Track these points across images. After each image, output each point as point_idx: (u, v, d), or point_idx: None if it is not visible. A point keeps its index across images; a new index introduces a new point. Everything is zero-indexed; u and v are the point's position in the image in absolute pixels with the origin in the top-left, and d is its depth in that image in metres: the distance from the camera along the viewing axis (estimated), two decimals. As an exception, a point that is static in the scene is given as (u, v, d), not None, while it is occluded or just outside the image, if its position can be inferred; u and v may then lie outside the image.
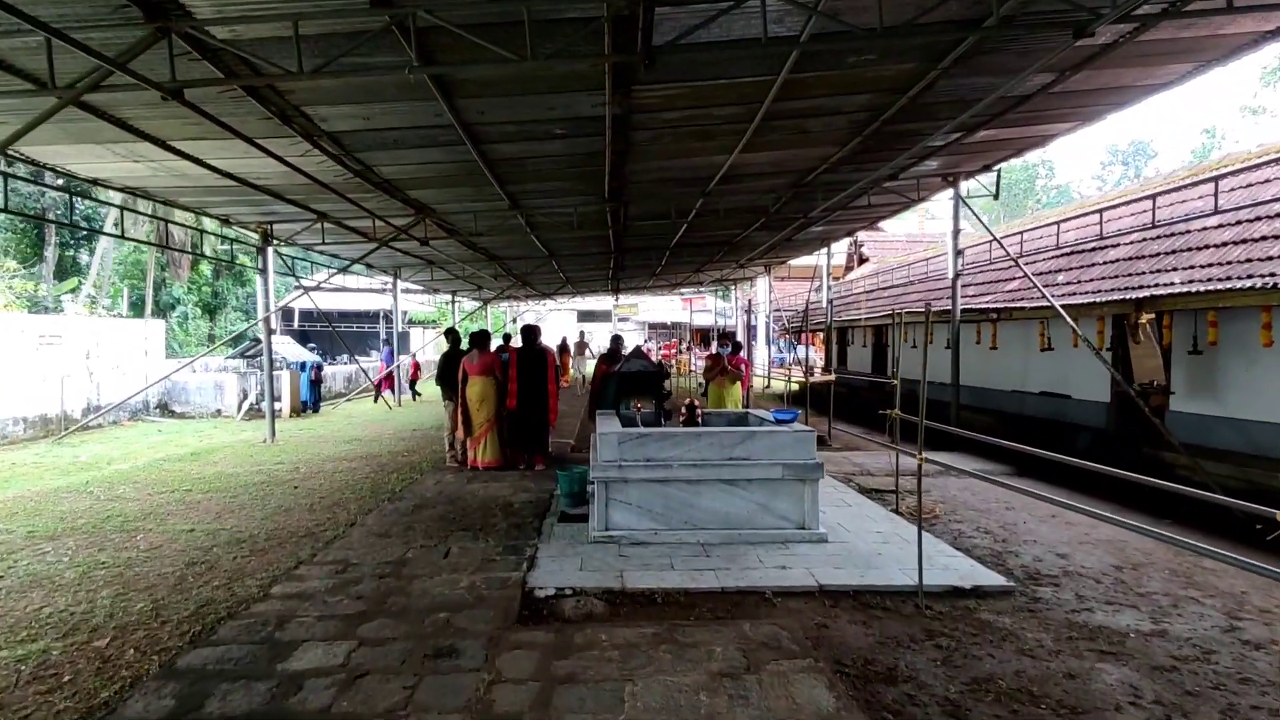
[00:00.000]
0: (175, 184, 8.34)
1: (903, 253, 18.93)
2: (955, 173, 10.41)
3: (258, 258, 10.63)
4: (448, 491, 6.96)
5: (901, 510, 6.33)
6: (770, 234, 14.71)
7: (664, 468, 5.14)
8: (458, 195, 9.60)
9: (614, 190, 9.73)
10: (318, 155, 7.21)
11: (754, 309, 30.54)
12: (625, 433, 5.21)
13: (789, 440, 5.23)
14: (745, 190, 10.37)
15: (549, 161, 8.20)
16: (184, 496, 6.89)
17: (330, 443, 10.52)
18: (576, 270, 20.00)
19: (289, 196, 9.22)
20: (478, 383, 7.93)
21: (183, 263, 33.48)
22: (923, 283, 13.81)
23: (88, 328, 11.99)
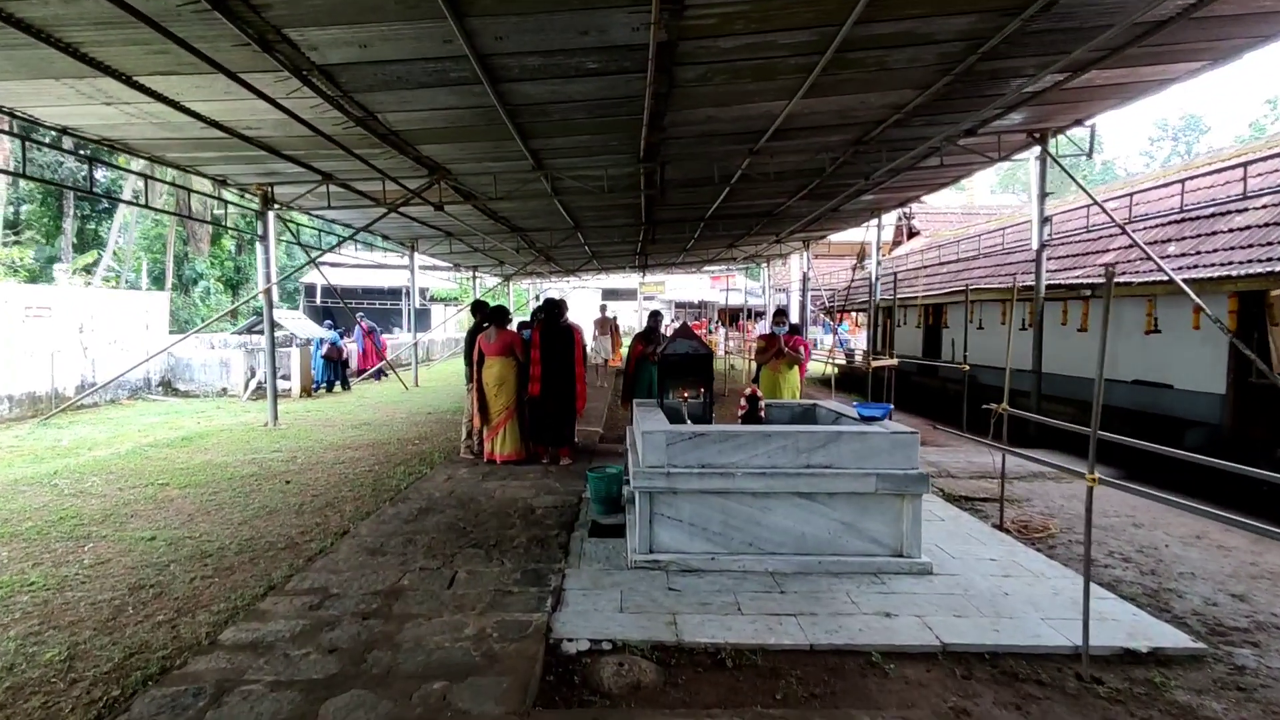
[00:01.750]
0: (158, 135, 7.35)
1: (957, 225, 17.50)
2: (1043, 127, 9.09)
3: (256, 222, 9.68)
4: (459, 491, 5.97)
5: (1007, 526, 5.20)
6: (816, 203, 13.45)
7: (724, 476, 4.07)
8: (475, 152, 8.51)
9: (650, 148, 8.58)
10: (311, 98, 6.15)
11: (787, 287, 29.23)
12: (675, 431, 4.14)
13: (884, 444, 4.11)
14: (798, 149, 9.15)
15: (578, 110, 7.07)
16: (158, 492, 5.98)
17: (336, 427, 9.61)
18: (603, 244, 18.89)
19: (287, 152, 8.21)
20: (495, 364, 6.90)
21: (203, 236, 33.00)
22: (989, 256, 12.47)
23: (81, 299, 11.20)
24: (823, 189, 11.69)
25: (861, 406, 4.58)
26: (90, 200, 32.30)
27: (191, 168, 8.87)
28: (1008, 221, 13.45)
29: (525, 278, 29.41)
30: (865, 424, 4.46)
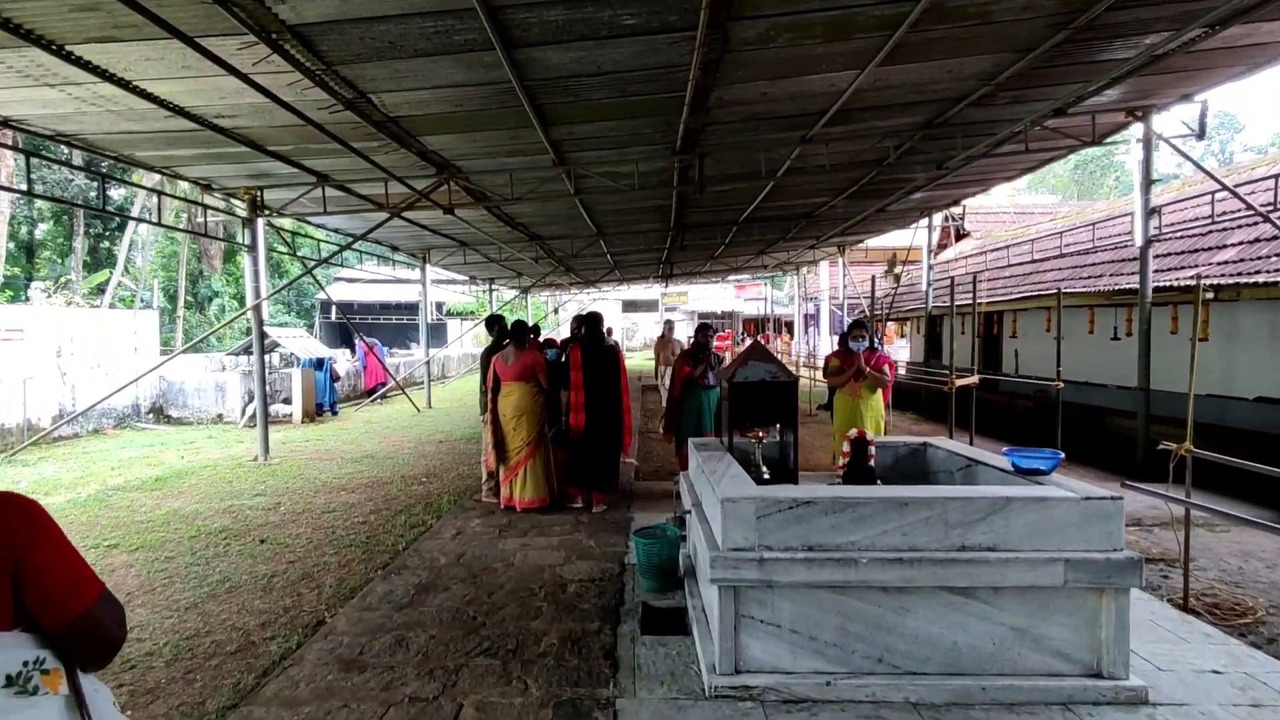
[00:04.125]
0: (119, 128, 6.31)
1: (1011, 226, 16.12)
2: (1145, 104, 7.80)
3: (243, 231, 8.63)
4: (470, 555, 4.76)
5: (1194, 605, 3.89)
6: (863, 203, 12.21)
7: (841, 563, 2.83)
8: (488, 144, 7.39)
9: (689, 136, 7.41)
10: (287, 72, 5.05)
11: (817, 297, 27.92)
12: (770, 499, 2.91)
13: (1073, 514, 2.86)
14: (859, 135, 7.93)
15: (608, 87, 5.91)
16: (100, 558, 4.85)
17: (334, 461, 8.48)
18: (626, 252, 17.75)
19: (273, 148, 7.14)
20: (514, 391, 5.72)
21: (215, 253, 32.41)
22: (1065, 257, 11.10)
23: (60, 320, 10.23)
24: (875, 184, 10.45)
25: (1017, 454, 3.33)
26: (102, 219, 31.83)
27: (168, 169, 7.83)
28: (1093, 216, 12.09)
29: (543, 290, 28.37)
30: (1031, 482, 3.20)
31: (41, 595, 1.10)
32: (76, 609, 1.12)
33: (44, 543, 1.11)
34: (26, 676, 1.06)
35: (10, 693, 1.02)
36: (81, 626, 1.13)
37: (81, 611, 1.13)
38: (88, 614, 1.13)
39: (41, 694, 1.07)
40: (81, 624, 1.13)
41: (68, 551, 1.16)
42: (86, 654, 1.16)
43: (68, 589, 1.13)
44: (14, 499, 1.13)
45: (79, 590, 1.14)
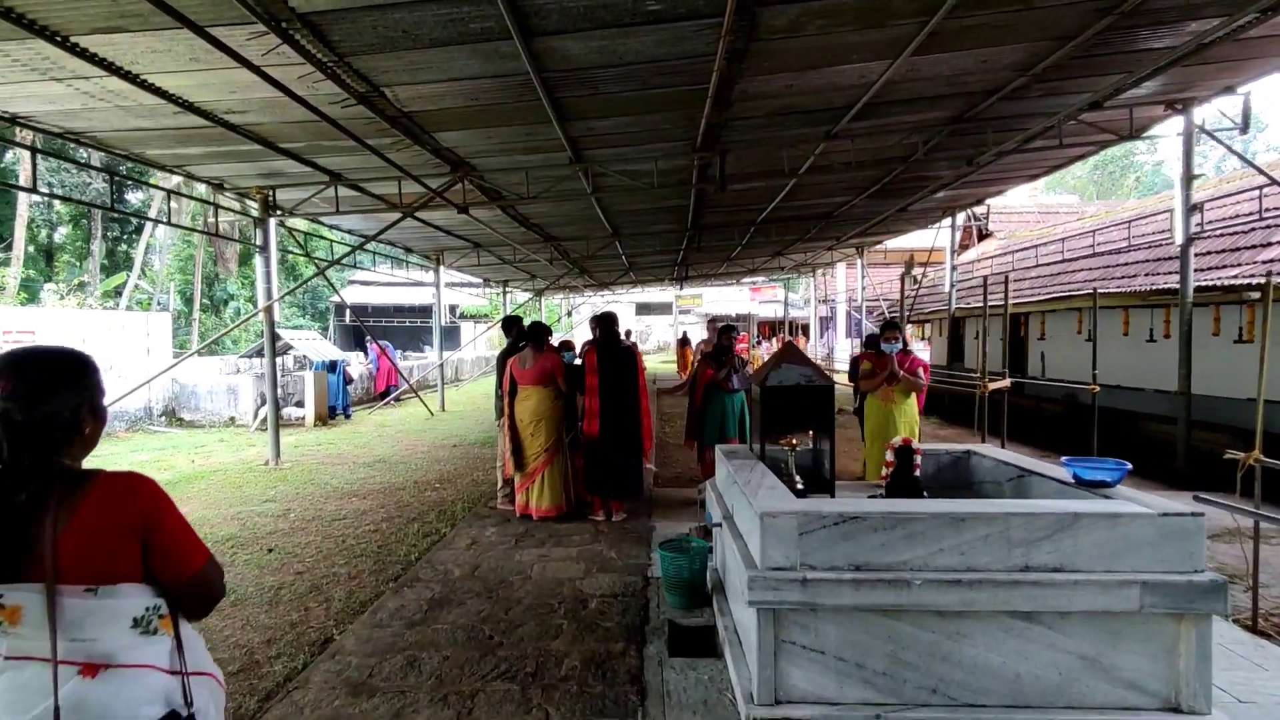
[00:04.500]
0: (128, 125, 6.17)
1: (1035, 226, 15.74)
2: (1186, 96, 7.49)
3: (255, 232, 8.49)
4: (485, 567, 4.55)
5: (1264, 628, 3.61)
6: (885, 202, 11.93)
7: (893, 585, 2.59)
8: (504, 141, 7.20)
9: (710, 132, 7.19)
10: (298, 64, 4.88)
11: (833, 299, 27.58)
12: (813, 513, 2.67)
13: (1148, 532, 2.60)
14: (885, 130, 7.67)
15: (629, 79, 5.69)
16: (103, 567, 4.68)
17: (346, 465, 8.31)
18: (642, 254, 17.54)
19: (285, 145, 6.99)
20: (531, 395, 5.51)
21: (231, 255, 32.54)
22: (1096, 256, 10.74)
23: (71, 322, 10.14)
24: (899, 183, 10.18)
25: (1077, 464, 3.06)
26: (120, 223, 32.05)
27: (180, 168, 7.70)
28: (1125, 215, 11.73)
29: (557, 292, 28.22)
30: (1097, 495, 2.94)
31: (163, 557, 1.32)
32: (190, 570, 1.36)
33: (166, 515, 1.34)
34: (148, 620, 1.30)
35: (136, 631, 1.27)
36: (192, 584, 1.36)
37: (194, 572, 1.36)
38: (198, 574, 1.37)
39: (159, 634, 1.31)
40: (193, 582, 1.36)
41: (182, 522, 1.38)
42: (193, 606, 1.39)
43: (184, 553, 1.36)
44: (141, 478, 1.34)
45: (192, 555, 1.37)
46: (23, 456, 1.26)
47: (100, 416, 1.41)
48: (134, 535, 1.29)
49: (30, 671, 1.19)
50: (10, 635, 1.20)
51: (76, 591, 1.22)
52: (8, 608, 1.19)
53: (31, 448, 1.27)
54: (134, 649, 1.27)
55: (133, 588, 1.29)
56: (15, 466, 1.25)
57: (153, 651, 1.30)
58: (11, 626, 1.19)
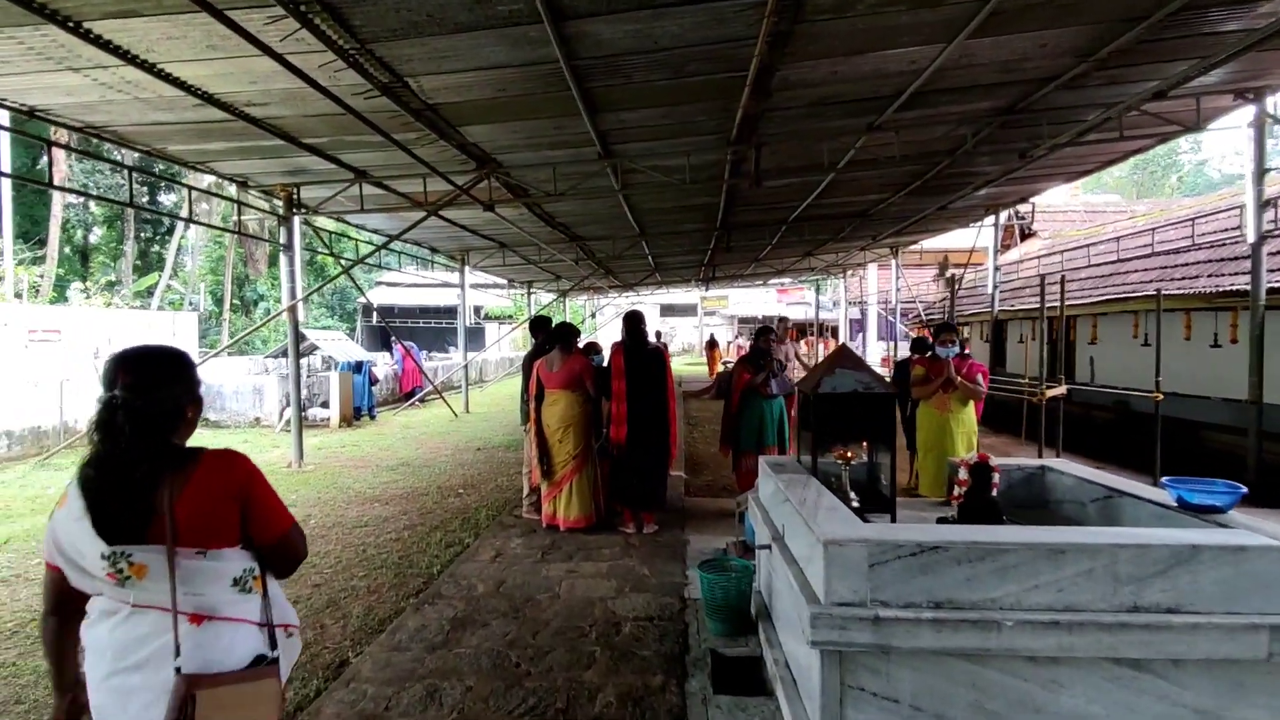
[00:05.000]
0: (148, 119, 6.02)
1: (1081, 225, 15.13)
2: (1257, 85, 7.01)
3: (279, 230, 8.34)
4: (511, 584, 4.27)
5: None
6: (925, 200, 11.48)
7: (979, 626, 2.25)
8: (531, 135, 6.94)
9: (746, 124, 6.87)
10: (319, 51, 4.66)
11: (864, 301, 27.02)
12: (887, 543, 2.34)
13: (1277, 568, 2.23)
14: (933, 120, 7.28)
15: (663, 67, 5.39)
16: (115, 576, 4.49)
17: (370, 469, 8.11)
18: (668, 254, 17.23)
19: (308, 140, 6.80)
20: (559, 400, 5.23)
21: (260, 256, 32.89)
22: (1156, 255, 10.17)
23: (97, 321, 10.09)
24: (941, 178, 9.74)
25: (1182, 485, 2.69)
26: (152, 224, 32.54)
27: (202, 164, 7.56)
28: (1182, 213, 11.15)
29: (580, 293, 28.00)
30: (1209, 523, 2.57)
31: (256, 521, 1.53)
32: (278, 532, 1.57)
33: (258, 485, 1.56)
34: (244, 580, 1.50)
35: (235, 590, 1.49)
36: (280, 545, 1.58)
37: (281, 535, 1.58)
38: (285, 537, 1.59)
39: (252, 593, 1.52)
40: (280, 544, 1.58)
41: (271, 492, 1.60)
42: (280, 565, 1.61)
43: (273, 518, 1.57)
44: (237, 454, 1.57)
45: (280, 520, 1.59)
46: (140, 439, 1.44)
47: (199, 404, 1.63)
48: (234, 502, 1.51)
49: (152, 617, 1.43)
50: (137, 588, 1.42)
51: (189, 553, 1.45)
52: (136, 564, 1.42)
53: (147, 431, 1.46)
54: (233, 604, 1.50)
55: (233, 552, 1.51)
56: (134, 447, 1.44)
57: (247, 607, 1.52)
58: (138, 580, 1.42)
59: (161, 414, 1.49)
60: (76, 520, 1.42)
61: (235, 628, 1.49)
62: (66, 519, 1.44)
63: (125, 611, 1.44)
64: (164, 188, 30.40)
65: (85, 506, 1.42)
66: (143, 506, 1.43)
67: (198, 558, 1.45)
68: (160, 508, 1.43)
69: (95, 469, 1.45)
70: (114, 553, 1.41)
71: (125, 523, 1.42)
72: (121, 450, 1.44)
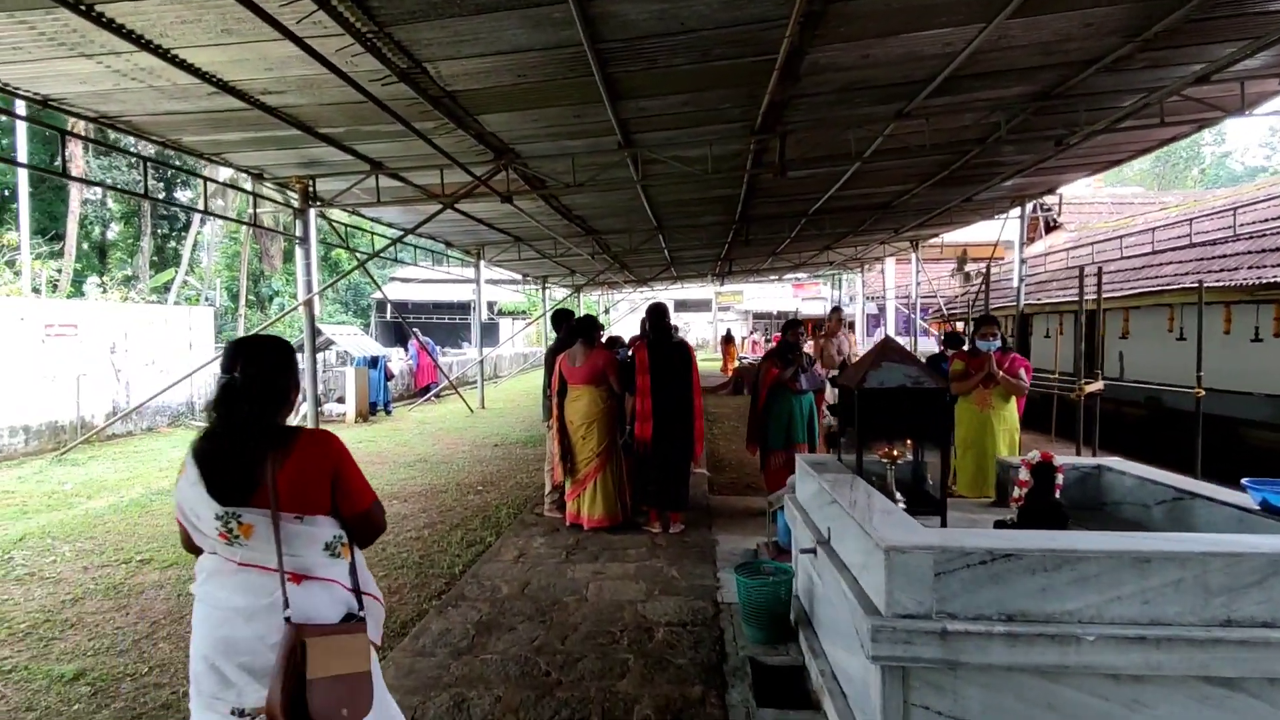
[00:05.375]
0: (163, 108, 5.91)
1: (1110, 216, 14.78)
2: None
3: (295, 223, 8.23)
4: (535, 585, 4.12)
5: None
6: (949, 190, 11.22)
7: (1057, 642, 2.06)
8: (550, 123, 6.77)
9: (772, 111, 6.66)
10: (336, 34, 4.52)
11: (881, 296, 26.68)
12: (954, 550, 2.15)
13: (1394, 581, 2.02)
14: (964, 107, 7.04)
15: (691, 50, 5.19)
16: (130, 575, 4.38)
17: (387, 465, 8.00)
18: (685, 248, 17.02)
19: (324, 129, 6.67)
20: (583, 395, 5.07)
21: (275, 252, 33.00)
22: (1195, 246, 9.84)
23: (113, 316, 10.04)
24: (969, 168, 9.49)
25: (1265, 486, 2.49)
26: (169, 219, 32.71)
27: (217, 156, 7.45)
28: (1217, 203, 10.81)
29: (594, 289, 27.84)
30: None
31: (344, 494, 1.73)
32: (362, 506, 1.77)
33: (347, 463, 1.76)
34: (334, 546, 1.71)
35: (327, 554, 1.69)
36: (363, 518, 1.77)
37: (365, 508, 1.77)
38: (368, 511, 1.78)
39: (340, 558, 1.72)
40: (362, 517, 1.77)
41: (358, 470, 1.79)
42: (362, 535, 1.80)
43: (358, 493, 1.76)
44: (329, 434, 1.79)
45: (364, 495, 1.78)
46: (252, 417, 1.64)
47: (298, 388, 1.82)
48: (327, 476, 1.69)
49: (256, 575, 1.59)
50: (244, 547, 1.59)
51: (289, 518, 1.62)
52: (244, 524, 1.58)
53: (259, 410, 1.65)
54: (325, 566, 1.67)
55: (325, 519, 1.68)
56: (247, 424, 1.63)
57: (337, 570, 1.70)
58: (245, 540, 1.59)
59: (271, 395, 1.69)
60: (193, 485, 1.61)
61: (328, 587, 1.68)
62: (185, 485, 1.63)
63: (233, 570, 1.62)
64: (180, 184, 30.51)
65: (200, 474, 1.61)
66: (250, 475, 1.61)
67: (296, 522, 1.63)
68: (264, 478, 1.60)
69: (210, 441, 1.65)
70: (226, 513, 1.59)
71: (234, 488, 1.60)
72: (235, 426, 1.64)
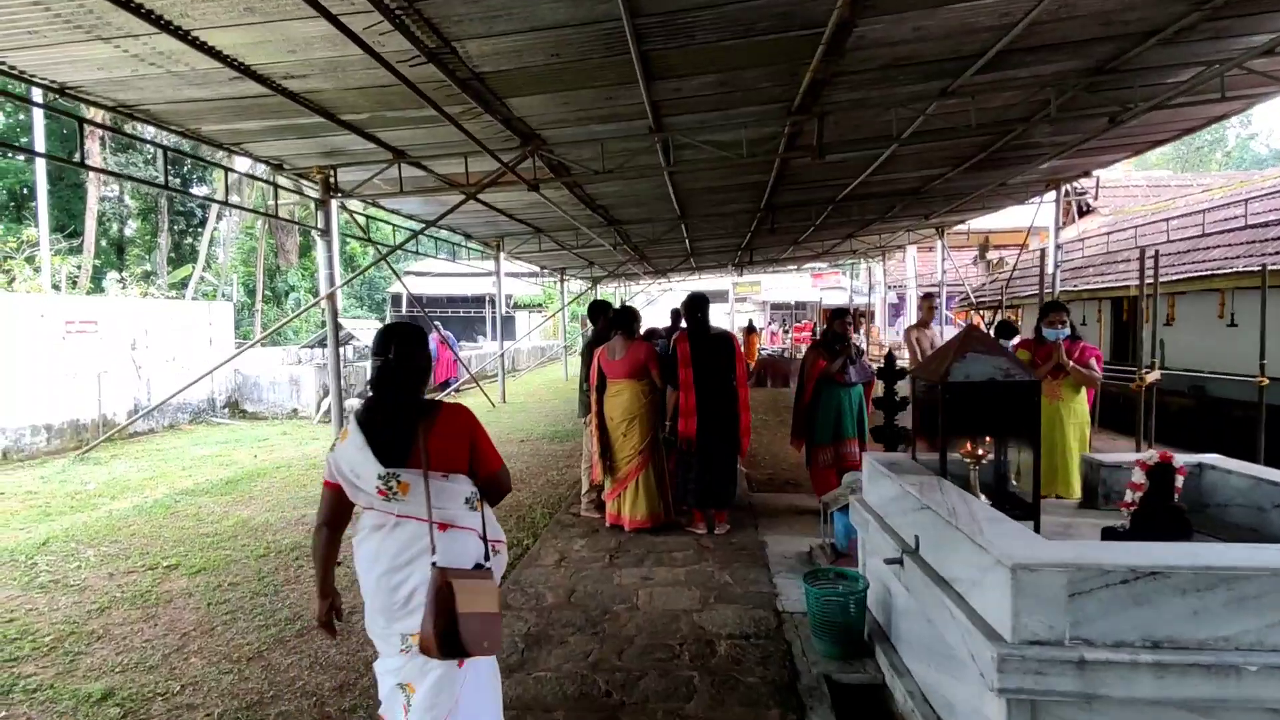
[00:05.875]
0: (184, 94, 5.71)
1: (1146, 200, 14.32)
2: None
3: (316, 215, 8.03)
4: (582, 592, 3.89)
5: None
6: (983, 175, 10.85)
7: (1214, 673, 1.80)
8: (580, 106, 6.51)
9: (812, 90, 6.36)
10: (364, 11, 4.28)
11: (903, 285, 26.24)
12: (1091, 567, 1.89)
13: None
14: (1012, 82, 6.70)
15: (733, 24, 4.90)
16: (157, 583, 4.21)
17: (412, 462, 7.82)
18: (707, 238, 16.72)
19: (346, 116, 6.44)
20: (624, 390, 4.84)
21: (291, 247, 32.94)
22: (1246, 229, 9.44)
23: (133, 312, 9.92)
24: (1010, 149, 9.13)
25: None
26: (185, 215, 32.76)
27: (237, 146, 7.26)
28: (1269, 181, 10.38)
29: (612, 281, 27.57)
30: None
31: (478, 458, 2.02)
32: (492, 469, 2.06)
33: (480, 432, 2.05)
34: (472, 501, 2.01)
35: (466, 507, 1.98)
36: (492, 479, 2.07)
37: (494, 471, 2.07)
38: (496, 473, 2.08)
39: (476, 511, 2.01)
40: (493, 477, 2.07)
41: (489, 439, 2.09)
42: (492, 495, 2.10)
43: (489, 457, 2.05)
44: (464, 408, 2.11)
45: (494, 460, 2.07)
46: (406, 391, 1.97)
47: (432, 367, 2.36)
48: (465, 441, 1.99)
49: (411, 526, 1.90)
50: (400, 501, 1.89)
51: (438, 477, 1.92)
52: (402, 482, 1.89)
53: (410, 385, 1.99)
54: (465, 517, 1.97)
55: (464, 478, 1.99)
56: (401, 397, 1.97)
57: (474, 520, 1.99)
58: (402, 496, 1.89)
59: (418, 373, 2.01)
60: (359, 450, 1.89)
61: (467, 535, 1.96)
62: (350, 448, 1.91)
63: (392, 523, 1.90)
64: (196, 180, 30.50)
65: (365, 440, 1.89)
66: (405, 441, 1.90)
67: (443, 480, 1.93)
68: (417, 443, 1.89)
69: (372, 412, 1.96)
70: (387, 473, 1.87)
71: (394, 451, 1.89)
72: (391, 399, 1.96)
